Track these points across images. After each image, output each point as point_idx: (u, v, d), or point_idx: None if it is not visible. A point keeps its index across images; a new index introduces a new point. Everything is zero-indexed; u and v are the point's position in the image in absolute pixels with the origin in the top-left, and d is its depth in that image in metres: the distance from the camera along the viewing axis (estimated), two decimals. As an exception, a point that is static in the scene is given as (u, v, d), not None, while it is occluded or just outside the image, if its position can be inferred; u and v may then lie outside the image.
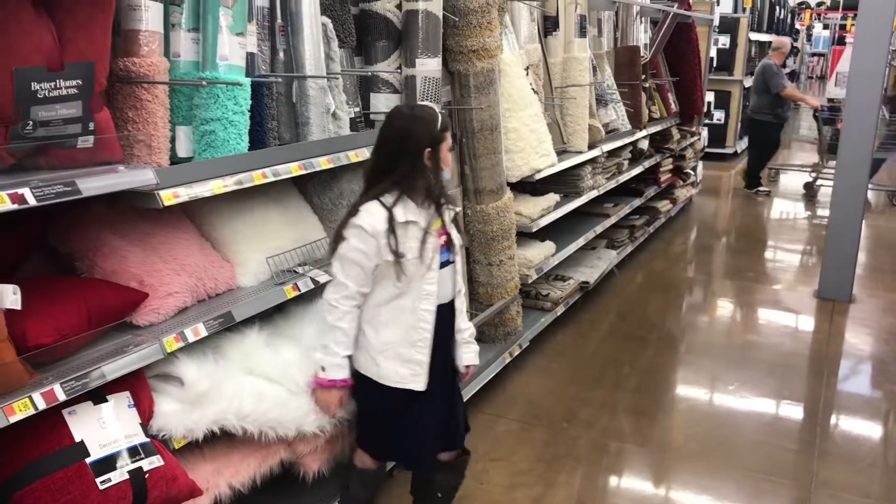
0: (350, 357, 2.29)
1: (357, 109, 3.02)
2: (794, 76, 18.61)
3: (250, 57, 2.28)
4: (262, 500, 2.41)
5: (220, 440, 2.21)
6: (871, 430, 3.76)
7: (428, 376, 2.32)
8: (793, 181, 10.35)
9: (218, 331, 2.10)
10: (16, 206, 1.52)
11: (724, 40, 10.56)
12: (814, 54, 27.66)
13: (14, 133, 1.62)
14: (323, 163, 2.43)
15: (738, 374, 4.28)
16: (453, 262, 2.38)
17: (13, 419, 1.56)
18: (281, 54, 2.53)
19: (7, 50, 1.55)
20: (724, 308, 5.47)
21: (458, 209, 2.39)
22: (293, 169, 2.30)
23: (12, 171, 1.71)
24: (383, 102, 3.19)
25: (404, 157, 2.21)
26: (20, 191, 1.53)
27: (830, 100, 21.12)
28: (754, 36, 11.35)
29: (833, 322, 5.12)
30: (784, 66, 14.03)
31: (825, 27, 29.18)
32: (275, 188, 2.51)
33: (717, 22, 9.47)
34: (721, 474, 3.28)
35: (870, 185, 5.58)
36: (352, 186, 2.76)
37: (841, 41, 24.47)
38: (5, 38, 1.55)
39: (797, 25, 19.46)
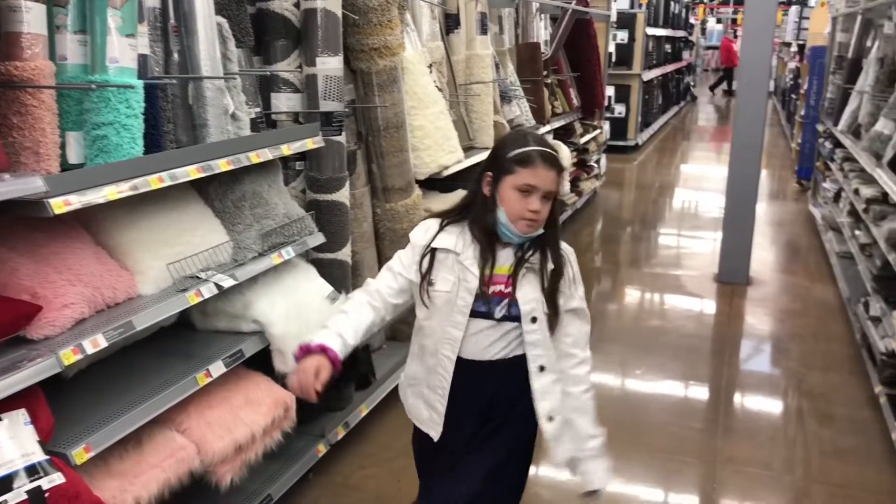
0: (343, 335, 2.02)
1: (258, 110, 2.97)
2: (690, 69, 19.33)
3: (142, 59, 2.22)
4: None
5: (128, 453, 2.14)
6: (771, 405, 3.96)
7: (455, 432, 2.04)
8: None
9: (117, 340, 2.03)
10: None
11: (623, 35, 10.87)
12: (708, 47, 28.78)
13: None
14: (223, 164, 2.39)
15: (645, 359, 4.43)
16: (498, 319, 1.96)
17: None
18: (175, 55, 2.47)
19: None
20: (631, 296, 5.65)
21: (569, 271, 2.01)
22: (191, 172, 2.25)
23: None
24: (284, 102, 3.16)
25: (475, 180, 2.01)
26: None
27: (725, 90, 21.98)
28: (651, 31, 11.74)
29: (733, 305, 5.36)
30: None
31: (718, 21, 30.39)
32: (173, 193, 2.45)
33: (614, 18, 9.75)
34: (631, 456, 3.39)
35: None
36: (254, 188, 2.73)
37: (734, 35, 25.56)
38: None
39: (692, 20, 20.20)
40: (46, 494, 1.73)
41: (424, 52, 4.16)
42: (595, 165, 8.14)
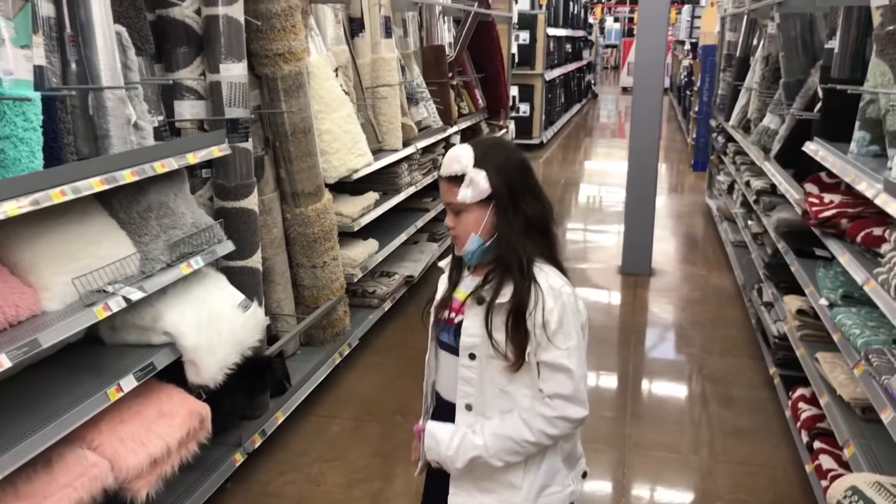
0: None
1: (161, 118, 2.93)
2: (590, 67, 19.86)
3: (39, 70, 2.16)
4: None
5: (37, 474, 2.09)
6: (675, 390, 4.16)
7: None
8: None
9: (22, 360, 1.98)
10: None
11: (525, 36, 11.10)
12: (607, 46, 29.63)
13: None
14: (127, 176, 2.35)
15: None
16: (455, 351, 1.77)
17: None
18: (73, 66, 2.41)
19: None
20: (541, 290, 5.79)
21: (541, 316, 1.68)
22: (95, 184, 2.21)
23: None
24: (188, 110, 3.12)
25: None
26: None
27: (625, 88, 22.67)
28: (552, 31, 12.03)
29: (636, 295, 5.58)
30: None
31: (616, 20, 31.31)
32: (76, 206, 2.39)
33: (516, 19, 9.94)
34: (545, 446, 3.50)
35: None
36: (160, 198, 2.69)
37: (630, 33, 26.41)
38: None
39: (590, 20, 20.76)
40: (-47, 522, 1.68)
41: (329, 56, 4.17)
42: (502, 164, 8.28)
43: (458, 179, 1.69)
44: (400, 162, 5.07)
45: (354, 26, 4.72)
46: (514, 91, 10.33)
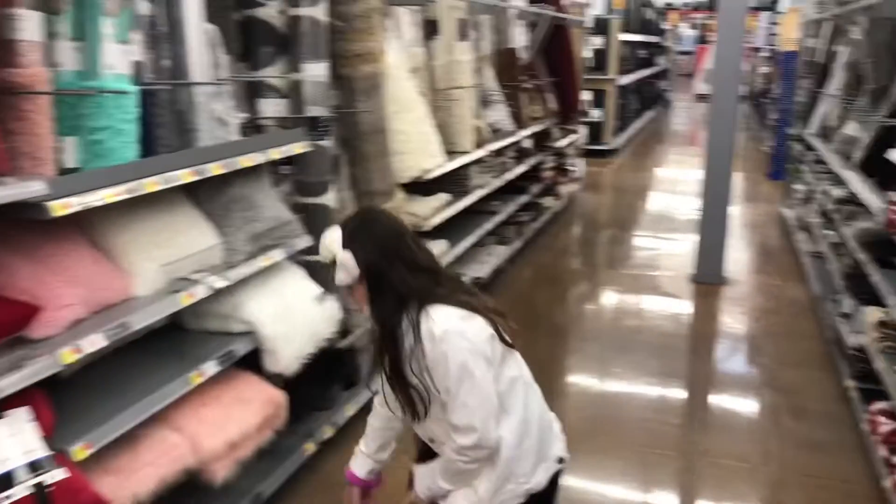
0: None
1: (245, 115, 3.03)
2: (664, 74, 19.55)
3: (136, 65, 2.28)
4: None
5: (124, 451, 2.19)
6: (746, 401, 4.07)
7: None
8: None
9: (114, 340, 2.09)
10: None
11: (599, 41, 11.01)
12: (681, 52, 29.12)
13: None
14: (214, 168, 2.44)
15: (624, 357, 4.53)
16: None
17: None
18: (167, 62, 2.52)
19: None
20: (608, 296, 5.75)
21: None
22: (184, 175, 2.31)
23: None
24: (271, 107, 3.22)
25: None
26: None
27: (699, 95, 22.23)
28: (626, 37, 11.90)
29: (708, 304, 5.48)
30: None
31: (692, 27, 30.75)
32: (166, 196, 2.49)
33: (590, 24, 9.89)
34: (609, 451, 3.48)
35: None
36: (243, 191, 2.78)
37: (705, 40, 25.90)
38: None
39: (665, 26, 20.43)
40: (50, 489, 1.78)
41: (407, 58, 4.23)
42: (573, 169, 8.26)
43: (333, 262, 1.86)
44: (471, 164, 5.10)
45: (431, 29, 4.78)
46: (586, 96, 10.26)
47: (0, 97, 1.94)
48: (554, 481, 2.00)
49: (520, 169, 6.31)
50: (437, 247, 4.61)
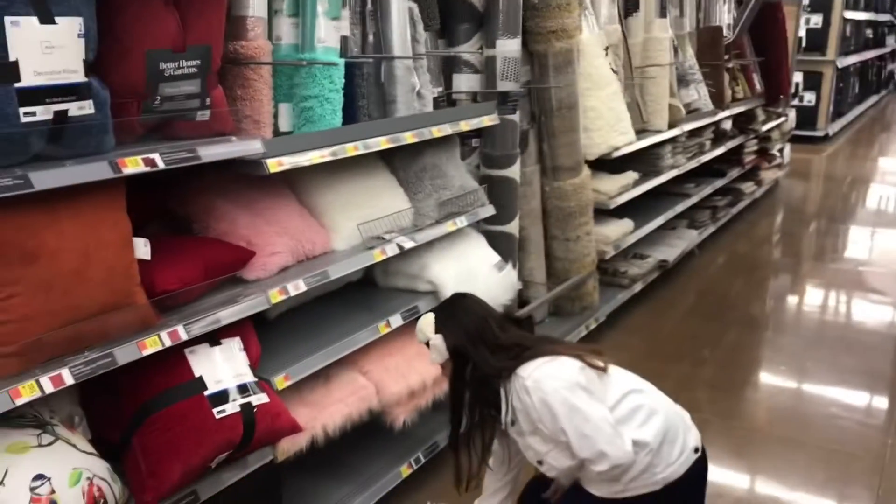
0: None
1: (440, 89, 3.20)
2: (894, 55, 17.80)
3: (343, 40, 2.49)
4: (351, 446, 2.65)
5: (318, 387, 2.44)
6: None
7: None
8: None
9: (315, 287, 2.33)
10: (147, 169, 1.77)
11: (816, 19, 10.27)
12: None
13: (145, 107, 1.87)
14: (408, 137, 2.63)
15: (820, 353, 4.29)
16: None
17: (145, 353, 1.82)
18: (370, 37, 2.74)
19: (141, 35, 1.80)
20: (809, 290, 5.43)
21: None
22: (382, 143, 2.51)
23: (139, 140, 1.96)
24: (465, 82, 3.37)
25: None
26: (151, 156, 1.78)
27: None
28: (850, 14, 10.99)
29: (922, 303, 5.03)
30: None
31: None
32: (364, 161, 2.72)
33: (807, 1, 9.24)
34: (796, 446, 3.34)
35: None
36: (434, 160, 2.95)
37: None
38: (140, 25, 1.79)
39: (899, 2, 18.54)
40: (255, 410, 2.04)
41: (601, 34, 4.24)
42: (777, 154, 7.82)
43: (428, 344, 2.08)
44: (663, 143, 5.01)
45: (629, 5, 4.74)
46: (797, 78, 9.63)
47: (229, 67, 2.22)
48: (693, 471, 2.01)
49: (718, 151, 6.09)
50: (621, 226, 4.59)
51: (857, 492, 3.05)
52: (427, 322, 2.09)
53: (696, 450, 2.03)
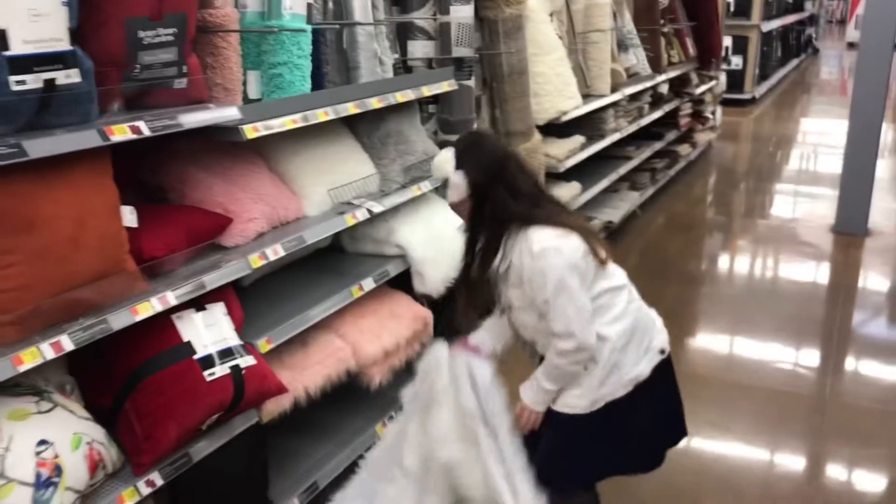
0: None
1: (396, 56, 3.24)
2: (812, 20, 18.46)
3: (308, 7, 2.51)
4: (330, 407, 2.71)
5: (297, 350, 2.50)
6: (884, 347, 4.02)
7: None
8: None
9: (291, 252, 2.37)
10: (134, 136, 1.78)
11: (742, -16, 10.58)
12: (833, -2, 27.20)
13: (125, 75, 1.88)
14: (374, 102, 2.67)
15: (757, 304, 4.54)
16: None
17: (137, 318, 1.85)
18: (330, 4, 2.76)
19: (120, 2, 1.80)
20: (743, 246, 5.70)
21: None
22: (350, 108, 2.55)
23: (120, 110, 1.97)
24: (420, 49, 3.42)
25: None
26: (136, 123, 1.80)
27: (850, 43, 20.85)
28: (772, -20, 11.34)
29: (849, 254, 5.34)
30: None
31: (845, -31, 28.62)
32: (329, 128, 2.75)
33: (734, -34, 9.51)
34: (743, 392, 3.56)
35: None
36: (397, 126, 3.00)
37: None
38: (117, -8, 1.80)
39: (816, -31, 19.19)
40: (243, 372, 2.09)
41: (546, 1, 4.33)
42: (710, 117, 8.09)
43: (445, 181, 2.06)
44: (607, 107, 5.15)
45: (571, -28, 4.83)
46: (727, 42, 9.92)
47: (199, 35, 2.22)
48: (661, 372, 2.14)
49: (655, 114, 6.28)
50: (570, 189, 4.73)
51: (801, 428, 3.27)
52: (445, 159, 2.05)
53: (662, 351, 2.16)
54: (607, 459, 2.17)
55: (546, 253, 1.97)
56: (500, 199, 2.02)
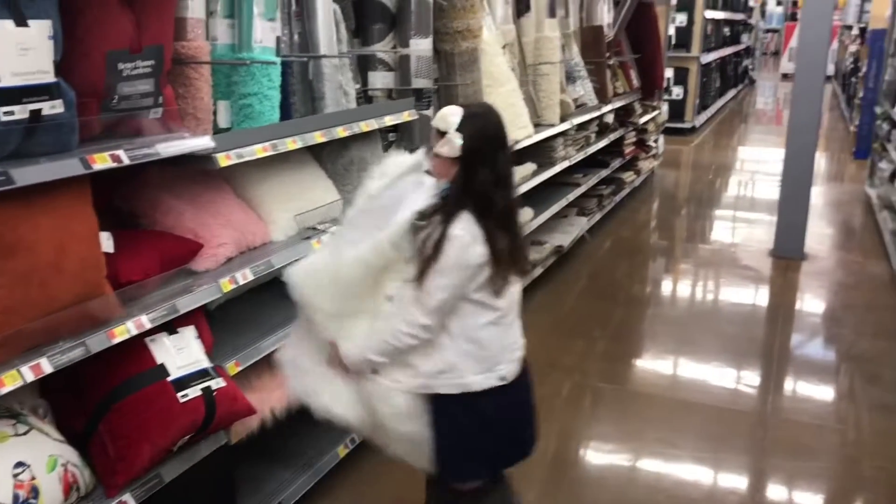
0: None
1: (357, 86, 3.34)
2: (749, 52, 19.19)
3: (277, 40, 2.60)
4: (294, 429, 2.77)
5: (263, 373, 2.55)
6: (821, 366, 4.23)
7: None
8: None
9: (259, 276, 2.44)
10: (114, 165, 1.84)
11: (682, 18, 11.00)
12: (768, 30, 28.31)
13: (104, 106, 1.94)
14: (340, 132, 2.77)
15: (701, 325, 4.73)
16: None
17: (114, 341, 1.90)
18: (296, 37, 2.85)
19: (101, 36, 1.87)
20: (686, 269, 5.92)
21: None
22: (317, 136, 2.64)
23: (95, 139, 2.02)
24: (380, 80, 3.53)
25: None
26: (117, 152, 1.86)
27: (785, 74, 21.68)
28: (710, 14, 11.83)
29: (787, 277, 5.60)
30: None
31: (778, 3, 29.82)
32: (294, 156, 2.83)
33: (674, 1, 9.90)
34: (687, 409, 3.71)
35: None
36: (360, 154, 3.10)
37: (794, 17, 25.16)
38: (100, 27, 1.86)
39: (751, 2, 19.98)
40: (215, 393, 2.14)
41: (499, 34, 4.49)
42: (653, 145, 8.38)
43: (442, 133, 2.02)
44: (556, 136, 5.33)
45: (521, 6, 5.02)
46: (668, 73, 10.30)
47: (172, 66, 2.29)
48: (493, 393, 2.14)
49: (602, 143, 6.50)
50: (522, 214, 4.88)
51: (745, 444, 3.43)
52: (452, 112, 2.03)
53: (503, 378, 2.14)
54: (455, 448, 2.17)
55: (456, 240, 1.98)
56: (482, 179, 2.01)
